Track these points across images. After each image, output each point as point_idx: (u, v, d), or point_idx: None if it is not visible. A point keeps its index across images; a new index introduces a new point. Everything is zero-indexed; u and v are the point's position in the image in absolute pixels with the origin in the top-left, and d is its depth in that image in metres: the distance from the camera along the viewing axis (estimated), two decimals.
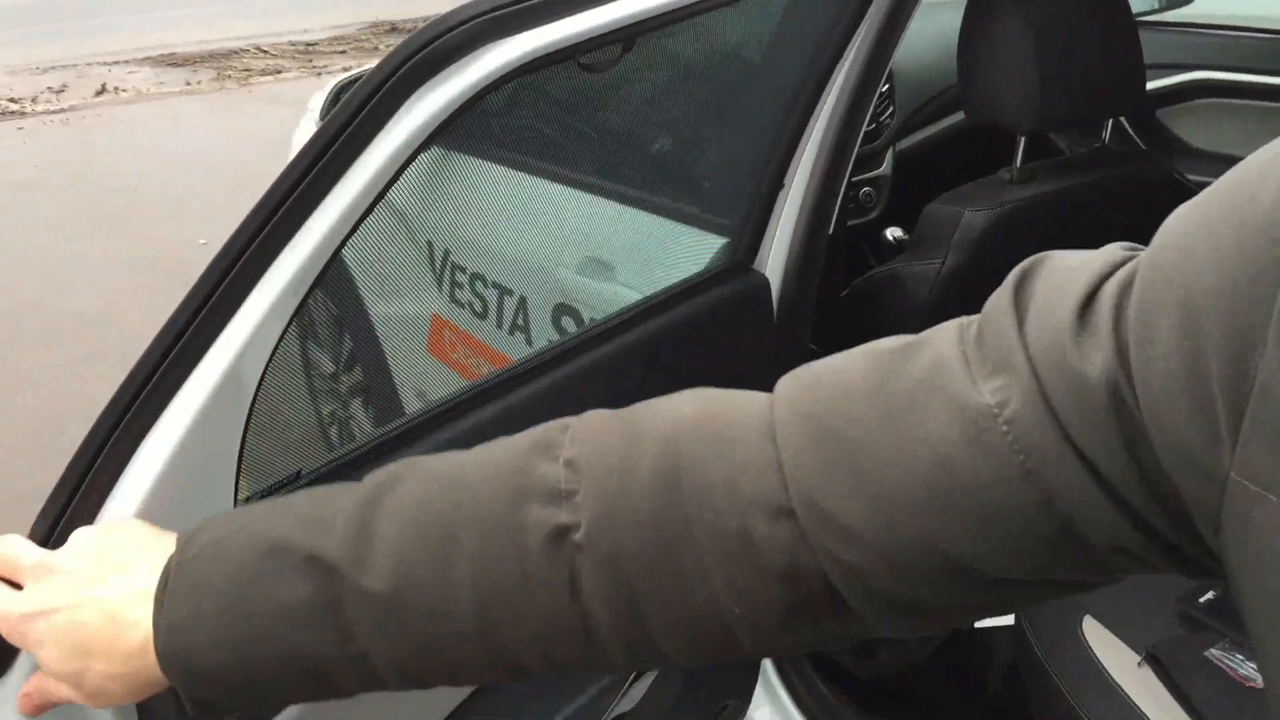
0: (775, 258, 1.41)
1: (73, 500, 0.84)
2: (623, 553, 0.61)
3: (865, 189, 2.48)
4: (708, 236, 1.50)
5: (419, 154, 0.97)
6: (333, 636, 0.65)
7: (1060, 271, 0.56)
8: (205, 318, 0.87)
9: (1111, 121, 2.00)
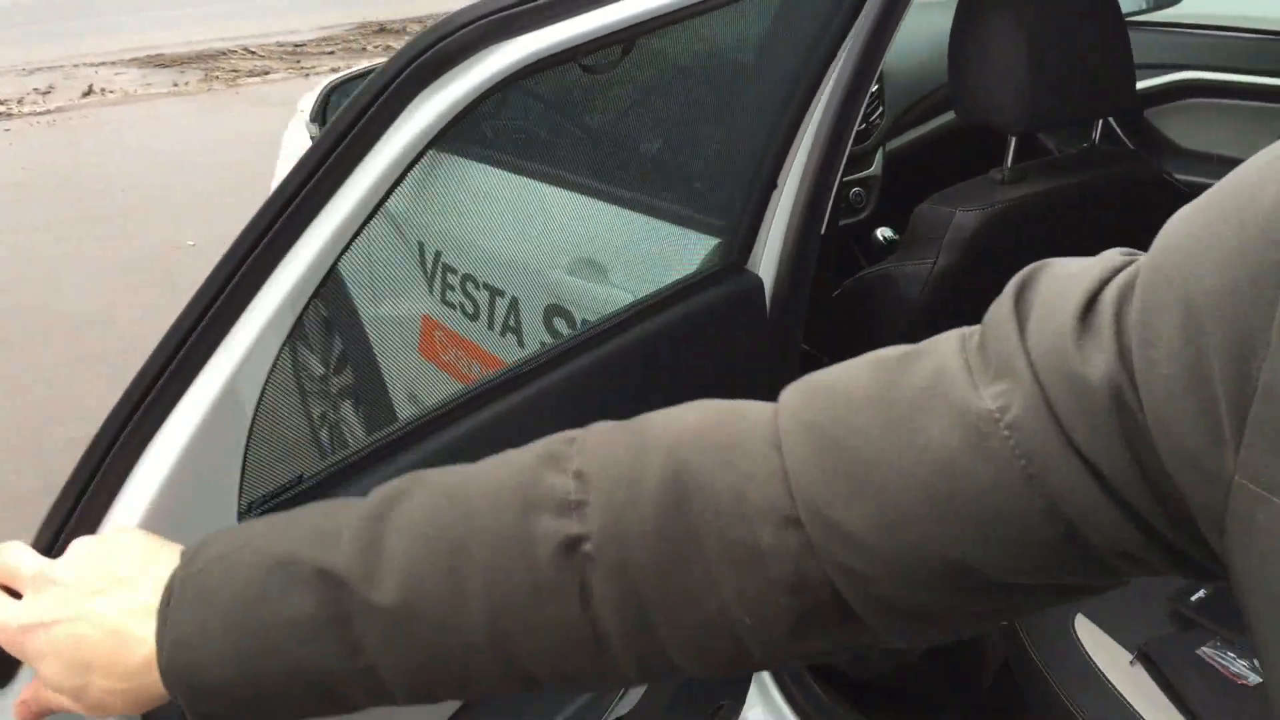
0: (768, 258, 1.41)
1: (76, 508, 0.83)
2: (632, 563, 0.61)
3: (855, 189, 2.49)
4: (701, 237, 1.50)
5: (422, 157, 0.97)
6: (340, 650, 0.65)
7: (1060, 278, 0.56)
8: (209, 323, 0.87)
9: (1101, 122, 2.01)
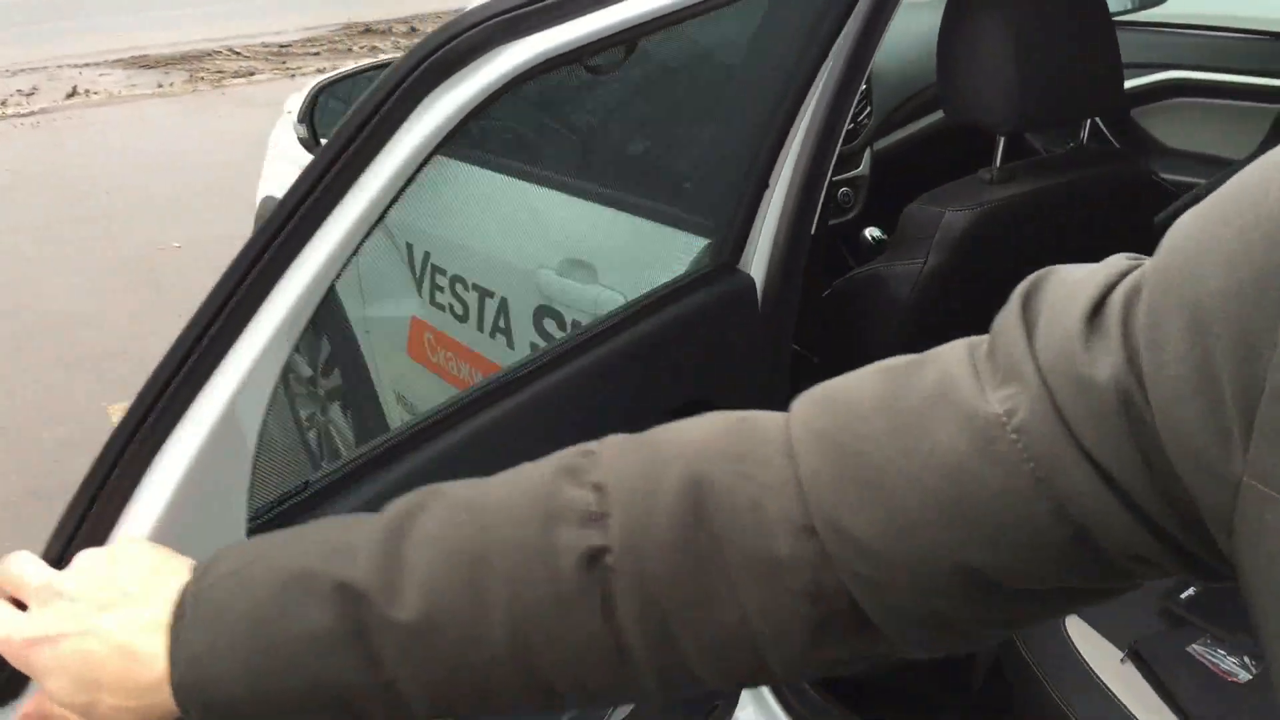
0: (759, 258, 1.42)
1: (85, 518, 0.82)
2: (651, 574, 0.61)
3: (843, 189, 2.49)
4: (693, 238, 1.50)
5: (434, 157, 0.97)
6: (359, 664, 0.64)
7: (1067, 283, 0.56)
8: (220, 328, 0.86)
9: (1089, 121, 2.02)
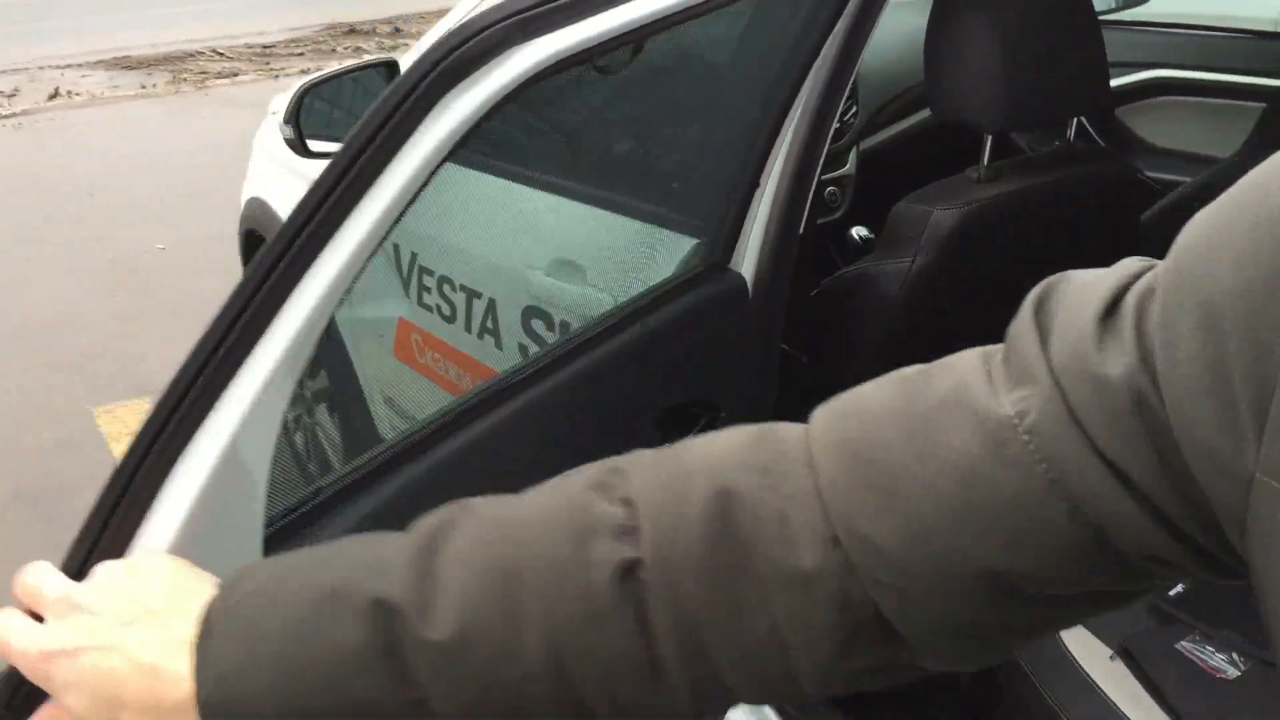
0: (748, 257, 1.42)
1: (105, 529, 0.81)
2: (683, 586, 0.61)
3: (830, 188, 2.49)
4: (683, 238, 1.50)
5: (450, 158, 0.97)
6: (391, 683, 0.63)
7: (1079, 286, 0.56)
8: (237, 337, 0.86)
9: (1075, 120, 2.02)
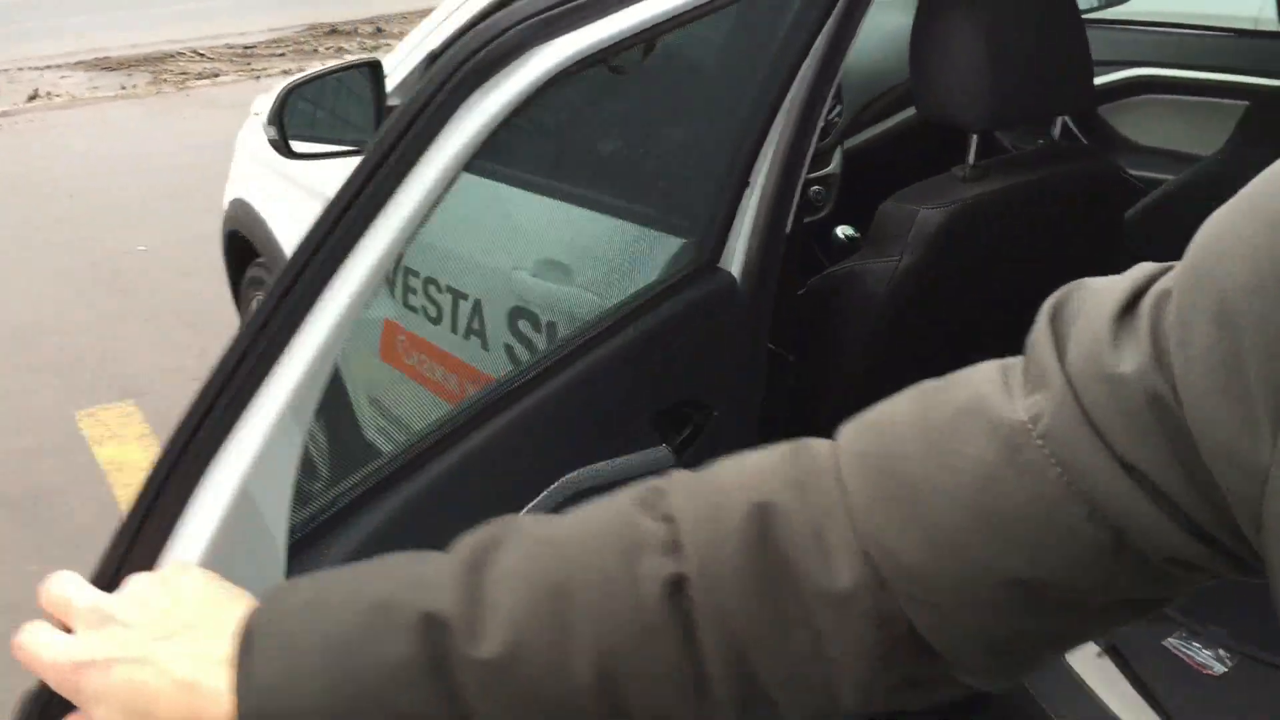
0: (736, 257, 1.42)
1: (136, 541, 0.80)
2: (726, 602, 0.61)
3: (815, 187, 2.49)
4: (671, 238, 1.50)
5: (474, 158, 0.98)
6: (439, 698, 0.62)
7: (1095, 291, 0.56)
8: (273, 335, 0.86)
9: (1060, 119, 2.03)
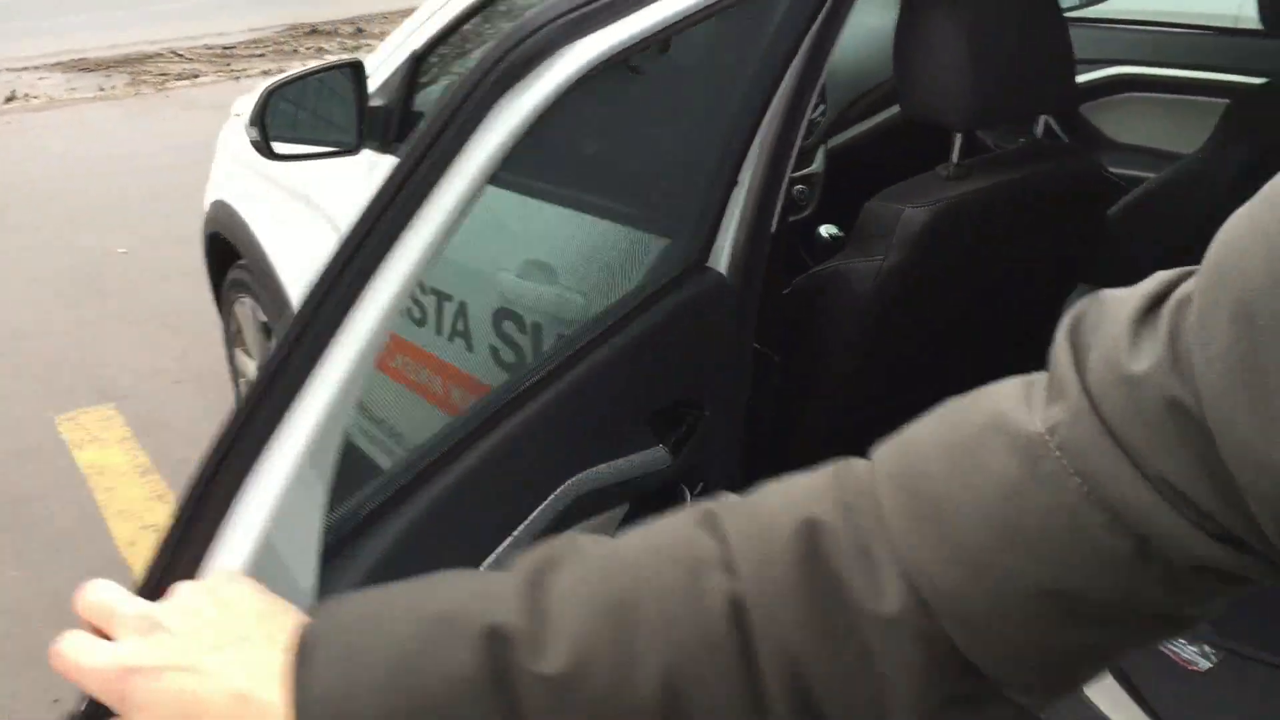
0: (724, 257, 1.43)
1: (181, 549, 0.80)
2: (780, 618, 0.61)
3: (799, 186, 2.49)
4: (660, 239, 1.50)
5: (506, 158, 0.99)
6: (500, 713, 0.61)
7: (1113, 299, 0.57)
8: (310, 343, 0.86)
9: (1043, 117, 2.03)
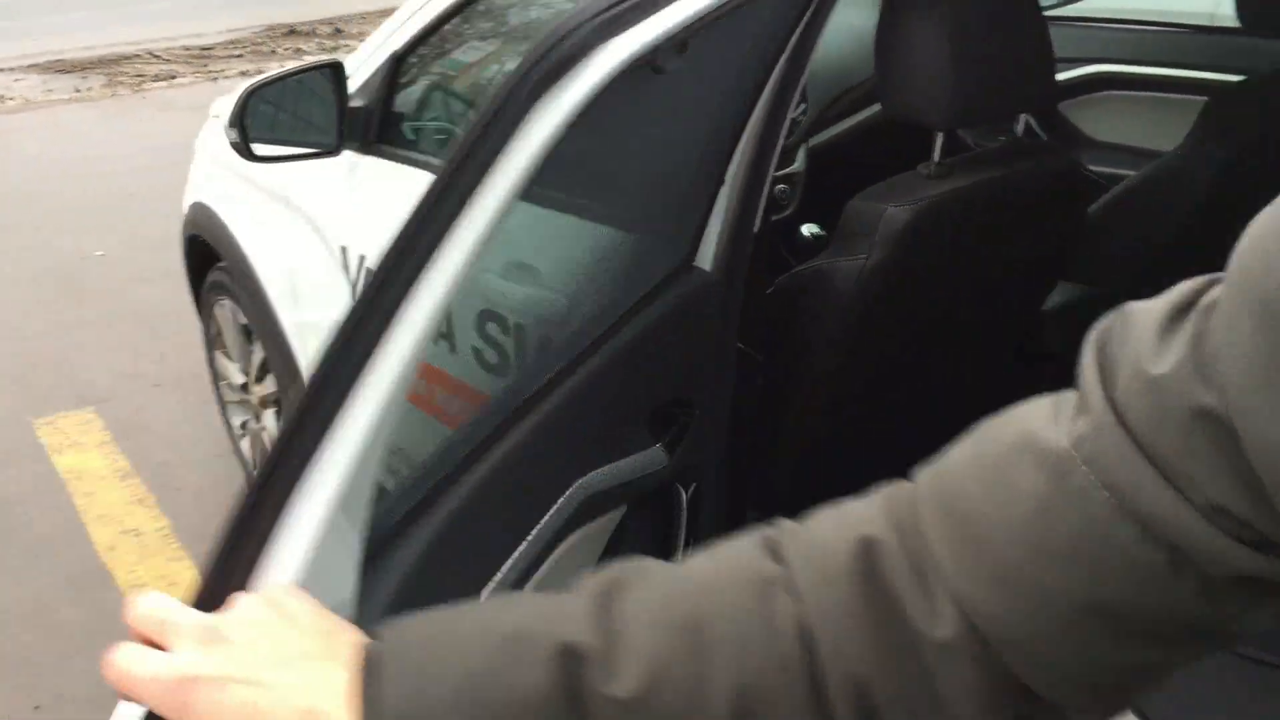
0: (709, 256, 1.43)
1: (234, 560, 0.80)
2: (842, 640, 0.60)
3: (780, 185, 2.49)
4: (648, 238, 1.49)
5: (546, 157, 1.00)
6: None
7: (1138, 312, 0.57)
8: (361, 348, 0.88)
9: (1023, 116, 2.04)
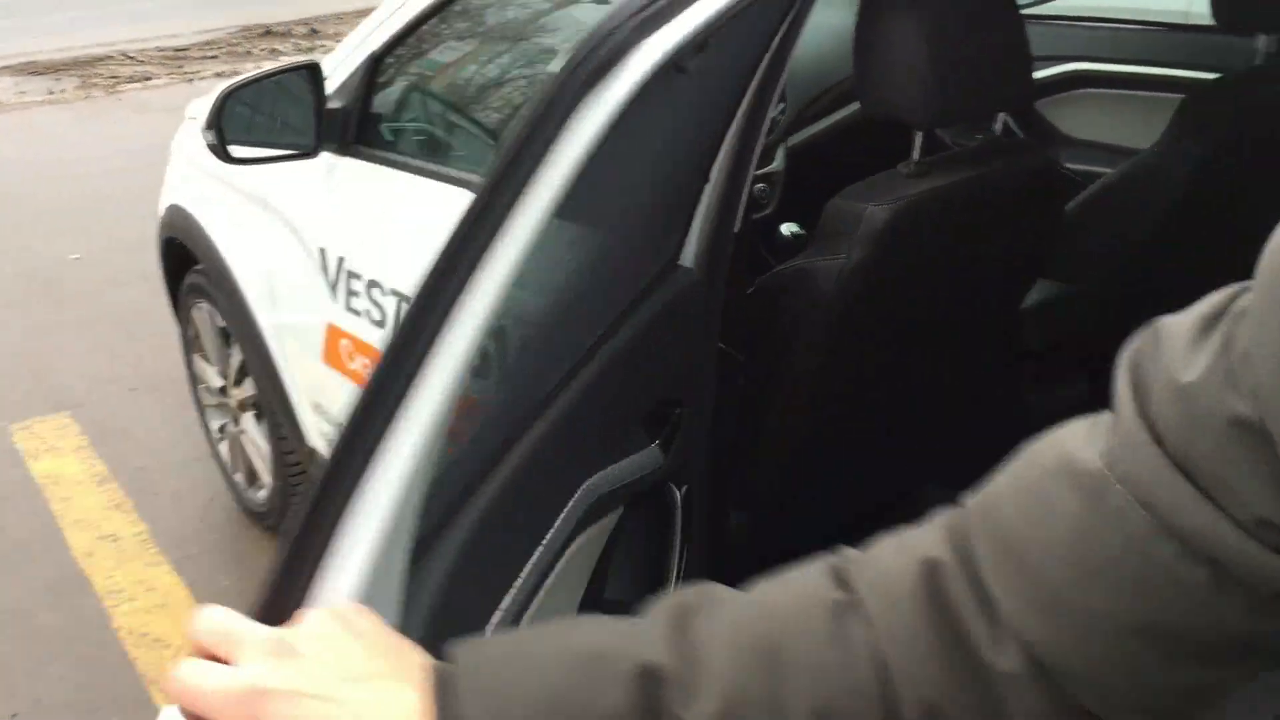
0: (692, 255, 1.43)
1: (296, 575, 0.80)
2: (912, 663, 0.60)
3: (759, 185, 2.49)
4: (634, 237, 1.49)
5: (591, 158, 1.00)
6: None
7: (1168, 325, 0.57)
8: (417, 356, 0.88)
9: (1002, 114, 2.04)
